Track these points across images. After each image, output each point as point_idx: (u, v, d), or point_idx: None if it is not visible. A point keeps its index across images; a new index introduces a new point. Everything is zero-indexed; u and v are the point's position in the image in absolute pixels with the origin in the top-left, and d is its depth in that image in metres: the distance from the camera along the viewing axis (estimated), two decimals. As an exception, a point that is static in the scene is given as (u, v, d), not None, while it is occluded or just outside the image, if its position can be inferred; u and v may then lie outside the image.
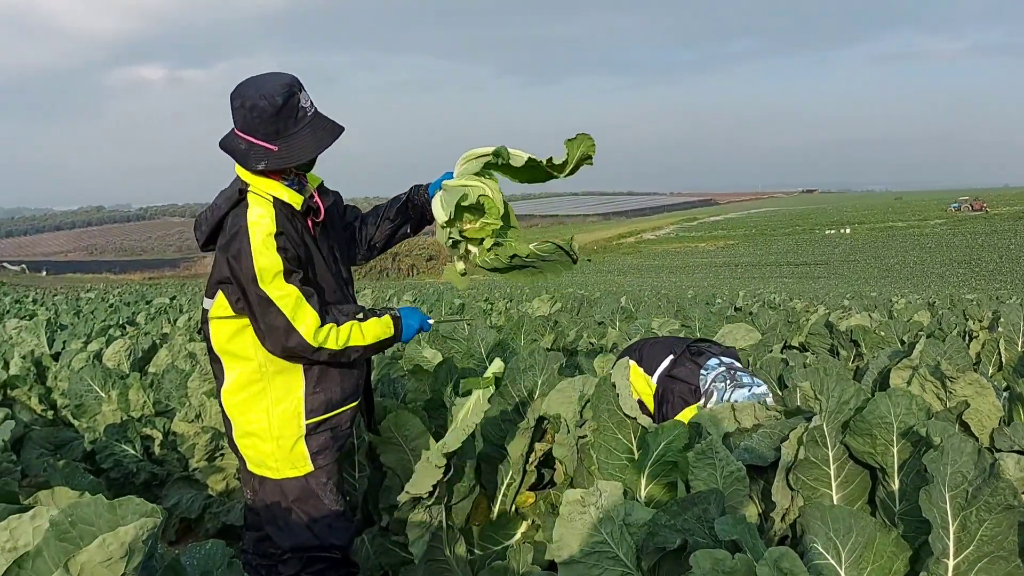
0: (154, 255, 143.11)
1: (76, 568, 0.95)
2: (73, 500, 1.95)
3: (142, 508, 1.04)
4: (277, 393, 2.63)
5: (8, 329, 8.81)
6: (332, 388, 2.69)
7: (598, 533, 2.25)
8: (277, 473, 2.68)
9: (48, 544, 1.06)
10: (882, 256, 67.05)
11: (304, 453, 2.66)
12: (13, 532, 1.33)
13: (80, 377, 5.15)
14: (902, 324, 6.80)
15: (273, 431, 2.64)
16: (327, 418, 2.69)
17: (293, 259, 2.50)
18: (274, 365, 2.60)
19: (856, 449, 2.38)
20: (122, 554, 0.97)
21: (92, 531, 1.04)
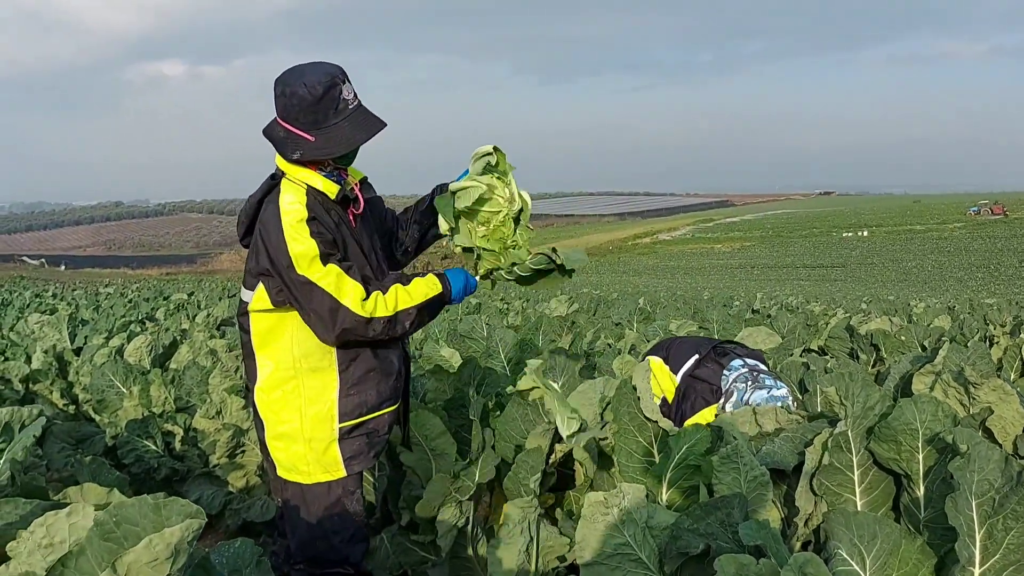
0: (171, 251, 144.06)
1: (123, 568, 0.97)
2: (102, 497, 1.98)
3: (187, 509, 1.05)
4: (310, 393, 2.57)
5: (30, 324, 8.90)
6: (368, 391, 2.62)
7: (620, 535, 2.25)
8: (309, 477, 2.62)
9: (91, 543, 1.07)
10: (900, 259, 66.57)
11: (337, 457, 2.60)
12: (50, 529, 1.35)
13: (102, 372, 5.20)
14: (922, 328, 6.75)
15: (305, 432, 2.58)
16: (361, 422, 2.62)
17: (329, 243, 2.46)
18: (308, 362, 2.55)
19: (881, 455, 2.37)
20: (168, 555, 0.98)
21: (136, 531, 1.05)
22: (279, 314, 2.55)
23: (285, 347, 2.57)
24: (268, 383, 2.61)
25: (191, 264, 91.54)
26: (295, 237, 2.42)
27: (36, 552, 1.35)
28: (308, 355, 2.55)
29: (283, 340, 2.57)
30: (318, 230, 2.44)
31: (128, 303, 16.69)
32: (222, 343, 6.04)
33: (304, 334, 2.55)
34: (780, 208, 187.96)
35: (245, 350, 2.69)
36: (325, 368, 2.57)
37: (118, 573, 0.97)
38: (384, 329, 2.50)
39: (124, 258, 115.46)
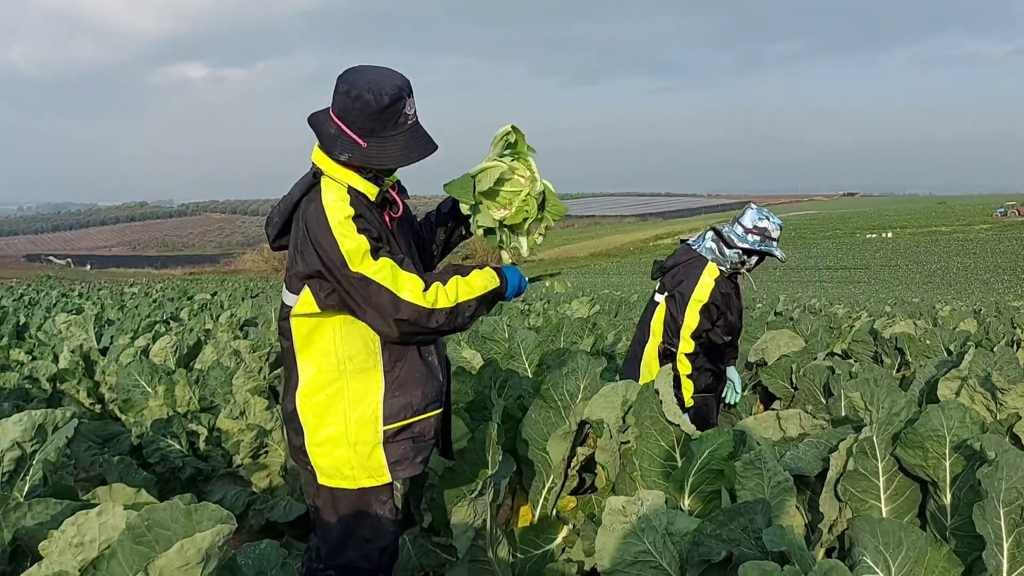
0: (195, 251, 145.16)
1: (155, 572, 0.98)
2: (130, 497, 2.00)
3: (217, 514, 1.06)
4: (354, 395, 2.50)
5: (58, 323, 9.00)
6: (413, 392, 2.54)
7: (640, 542, 2.24)
8: (354, 483, 2.53)
9: (123, 546, 1.09)
10: (924, 261, 65.85)
11: (382, 462, 2.51)
12: (80, 528, 1.37)
13: (128, 372, 5.25)
14: (948, 332, 6.69)
15: (350, 436, 2.49)
16: (407, 424, 2.53)
17: (376, 238, 2.41)
18: (353, 364, 2.49)
19: (907, 461, 2.36)
20: (199, 560, 0.99)
21: (168, 536, 1.06)
22: (322, 316, 2.49)
23: (329, 349, 2.50)
24: (311, 387, 2.53)
25: (214, 264, 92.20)
26: (344, 234, 2.36)
27: (67, 551, 1.37)
28: (353, 356, 2.48)
29: (326, 342, 2.50)
30: (364, 226, 2.39)
31: (153, 303, 16.86)
32: (246, 344, 6.07)
33: (349, 335, 2.49)
34: (803, 209, 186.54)
35: (286, 356, 2.61)
36: (370, 369, 2.50)
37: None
38: (447, 320, 2.43)
39: (148, 258, 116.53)
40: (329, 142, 2.45)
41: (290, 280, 2.55)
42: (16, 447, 1.96)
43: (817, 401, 4.31)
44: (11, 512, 1.68)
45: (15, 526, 1.68)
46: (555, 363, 5.06)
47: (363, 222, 2.40)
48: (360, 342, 2.49)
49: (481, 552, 3.01)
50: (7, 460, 1.94)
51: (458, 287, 2.45)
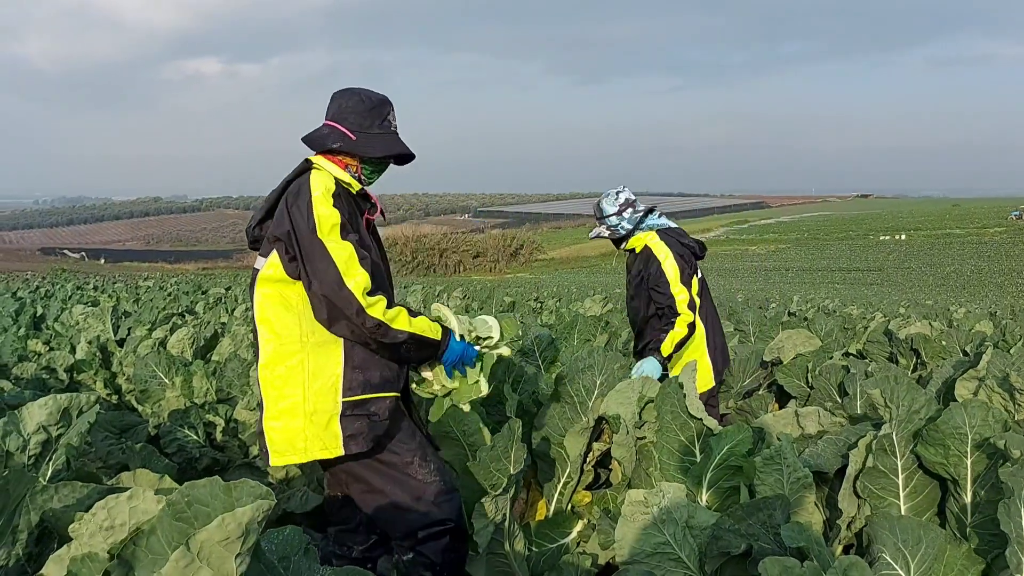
0: (208, 246, 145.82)
1: (196, 546, 0.99)
2: (154, 482, 2.02)
3: (256, 491, 1.07)
4: (315, 367, 2.57)
5: (75, 315, 9.08)
6: (372, 371, 2.63)
7: (660, 534, 2.25)
8: (304, 455, 2.60)
9: (163, 522, 1.10)
10: (938, 264, 65.52)
11: (337, 433, 2.58)
12: (111, 511, 1.38)
13: (145, 363, 5.28)
14: (964, 333, 6.65)
15: (308, 406, 2.56)
16: (364, 400, 2.61)
17: (353, 223, 2.58)
18: (315, 337, 2.57)
19: (927, 459, 2.35)
20: (239, 534, 1.01)
21: (207, 511, 1.07)
22: (287, 287, 2.60)
23: (293, 321, 2.59)
24: (273, 358, 2.61)
25: (227, 259, 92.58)
26: (321, 202, 2.52)
27: (97, 534, 1.39)
28: (316, 330, 2.57)
29: (290, 315, 2.59)
30: (341, 206, 2.56)
31: (168, 296, 16.95)
32: (262, 337, 6.10)
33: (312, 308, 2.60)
34: (816, 210, 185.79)
35: (253, 327, 2.72)
36: (331, 343, 2.59)
37: (191, 551, 1.00)
38: (373, 330, 2.53)
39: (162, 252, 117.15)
40: (322, 139, 2.71)
41: (263, 244, 2.70)
42: (42, 430, 1.98)
43: (833, 400, 4.29)
44: (38, 495, 1.70)
45: (42, 508, 1.70)
46: (570, 360, 5.07)
47: (341, 202, 2.57)
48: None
49: (498, 545, 3.01)
50: (33, 443, 1.96)
51: (399, 314, 2.59)
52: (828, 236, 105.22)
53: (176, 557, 0.99)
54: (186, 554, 1.00)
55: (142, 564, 1.11)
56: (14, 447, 1.89)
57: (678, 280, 4.13)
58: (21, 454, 1.90)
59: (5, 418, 1.90)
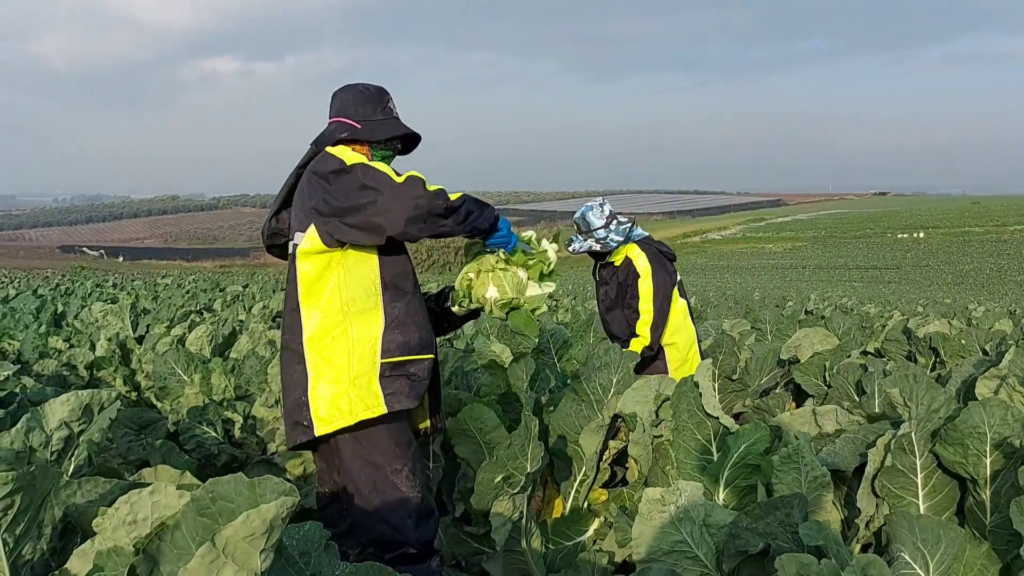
0: (225, 243, 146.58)
1: (222, 542, 1.01)
2: (175, 478, 2.04)
3: (280, 487, 1.09)
4: (357, 334, 2.67)
5: (94, 312, 9.15)
6: (410, 332, 2.73)
7: (678, 532, 2.25)
8: (351, 416, 2.64)
9: (187, 518, 1.12)
10: (957, 262, 64.97)
11: (378, 391, 2.65)
12: (134, 506, 1.40)
13: (164, 360, 5.33)
14: (983, 332, 6.60)
15: (352, 370, 2.65)
16: (402, 361, 2.70)
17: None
18: (356, 305, 2.67)
19: (946, 458, 2.34)
20: (264, 530, 1.02)
21: (231, 508, 1.09)
22: (326, 261, 2.68)
23: (333, 294, 2.68)
24: (318, 332, 2.69)
25: (244, 257, 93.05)
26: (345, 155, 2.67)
27: (120, 528, 1.41)
28: (356, 299, 2.67)
29: (331, 288, 2.68)
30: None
31: (186, 294, 17.06)
32: (280, 334, 6.14)
33: (352, 280, 2.69)
34: (833, 208, 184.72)
35: (290, 305, 2.77)
36: (371, 309, 2.69)
37: (217, 546, 1.01)
38: (448, 209, 2.59)
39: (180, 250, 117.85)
40: (329, 135, 2.82)
41: (300, 217, 2.75)
42: (64, 426, 2.01)
43: (850, 399, 4.27)
44: (62, 490, 1.72)
45: (65, 503, 1.72)
46: (586, 358, 5.07)
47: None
48: (362, 286, 2.70)
49: (515, 543, 3.02)
50: (55, 439, 1.99)
51: (461, 195, 2.67)
52: (845, 234, 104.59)
53: (202, 553, 1.01)
54: (212, 550, 1.01)
55: (167, 559, 1.12)
56: (37, 443, 1.91)
57: (650, 299, 4.21)
58: (44, 450, 1.93)
59: (28, 414, 1.92)
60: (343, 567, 1.61)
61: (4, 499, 1.40)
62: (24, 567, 1.57)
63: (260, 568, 1.06)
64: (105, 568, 1.24)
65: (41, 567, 1.65)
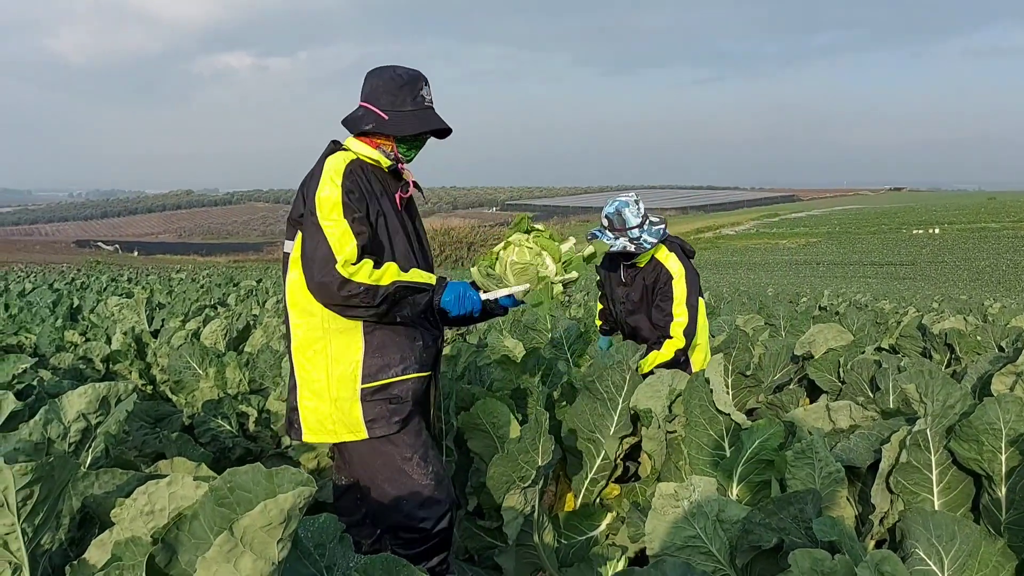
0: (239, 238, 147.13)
1: (239, 531, 1.02)
2: (191, 469, 2.06)
3: (297, 477, 1.10)
4: (336, 353, 2.65)
5: (110, 306, 9.22)
6: (391, 354, 2.68)
7: (691, 527, 2.25)
8: (335, 436, 2.69)
9: (205, 508, 1.13)
10: (972, 258, 64.49)
11: (359, 418, 2.65)
12: (151, 497, 1.42)
13: (179, 354, 5.37)
14: (999, 328, 6.55)
15: (332, 391, 2.65)
16: (383, 385, 2.66)
17: (357, 200, 2.57)
18: (335, 323, 2.63)
19: (961, 455, 2.33)
20: (281, 520, 1.03)
21: (249, 498, 1.10)
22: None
23: (316, 307, 2.63)
24: (302, 342, 2.70)
25: (258, 252, 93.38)
26: (326, 184, 2.56)
27: (138, 519, 1.42)
28: (335, 315, 2.62)
29: (311, 300, 2.63)
30: (350, 187, 2.57)
31: (200, 288, 17.16)
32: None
33: None
34: (848, 204, 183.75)
35: (284, 310, 2.79)
36: (351, 329, 2.65)
37: (235, 535, 1.02)
38: (361, 297, 2.52)
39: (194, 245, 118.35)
40: (356, 121, 2.73)
41: (289, 226, 2.74)
42: (81, 418, 2.03)
43: (864, 395, 4.26)
44: (80, 481, 1.74)
45: (83, 494, 1.74)
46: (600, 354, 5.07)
47: (351, 182, 2.59)
48: None
49: (527, 537, 3.03)
50: (73, 431, 2.01)
51: (387, 271, 2.57)
52: (860, 230, 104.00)
53: (220, 541, 1.02)
54: (230, 539, 1.02)
55: (185, 548, 1.13)
56: (55, 435, 1.93)
57: (684, 301, 4.06)
58: (62, 441, 1.95)
59: (46, 406, 1.94)
60: (357, 559, 1.62)
61: (23, 489, 1.42)
62: (43, 556, 1.59)
63: (277, 557, 1.07)
64: (123, 558, 1.25)
65: (59, 556, 1.67)
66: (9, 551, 1.45)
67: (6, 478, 1.39)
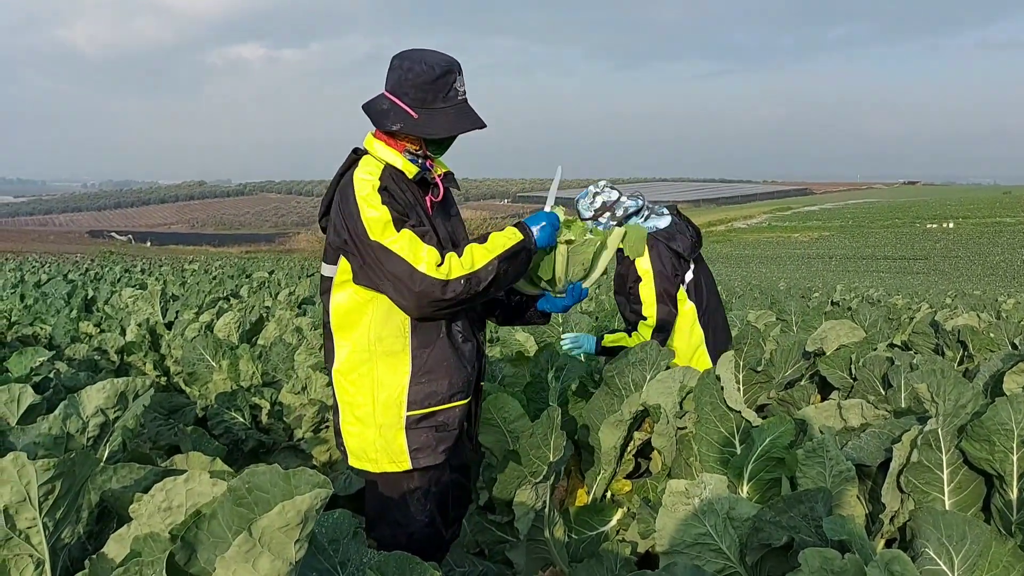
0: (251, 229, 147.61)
1: (258, 532, 1.04)
2: (206, 464, 2.08)
3: (314, 479, 1.12)
4: (382, 377, 2.55)
5: (124, 298, 9.29)
6: (439, 380, 2.58)
7: (701, 525, 2.26)
8: (376, 465, 2.60)
9: (224, 507, 1.16)
10: (987, 253, 64.09)
11: (404, 447, 2.57)
12: (169, 493, 1.44)
13: (193, 346, 5.41)
14: (1013, 325, 6.53)
15: (377, 418, 2.56)
16: (429, 413, 2.58)
17: (401, 210, 2.45)
18: (382, 345, 2.53)
19: (972, 455, 2.33)
20: (298, 521, 1.05)
21: (266, 498, 1.12)
22: (359, 296, 2.55)
23: (363, 329, 2.55)
24: (345, 365, 2.60)
25: (269, 243, 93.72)
26: (368, 204, 2.42)
27: (156, 514, 1.45)
28: (383, 338, 2.53)
29: (361, 322, 2.55)
30: (389, 200, 2.44)
31: (213, 280, 17.25)
32: (307, 321, 6.21)
33: (381, 316, 2.53)
34: (861, 197, 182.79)
35: (325, 331, 2.68)
36: (398, 352, 2.55)
37: (253, 536, 1.04)
38: (464, 289, 2.41)
39: (206, 236, 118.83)
40: (382, 116, 2.52)
41: (326, 251, 2.62)
42: (100, 413, 2.05)
43: (876, 392, 4.25)
44: (98, 475, 1.76)
45: (101, 488, 1.77)
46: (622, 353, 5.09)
47: (388, 195, 2.45)
48: (391, 324, 2.53)
49: (538, 532, 3.05)
50: (92, 426, 2.04)
51: (473, 253, 2.46)
52: (873, 224, 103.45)
53: (239, 542, 1.04)
54: (248, 539, 1.04)
55: (204, 546, 1.16)
56: (74, 429, 1.96)
57: (653, 304, 4.00)
58: (81, 436, 1.98)
59: (66, 401, 1.97)
60: (371, 555, 1.64)
61: (45, 484, 1.45)
62: (63, 550, 1.62)
63: (295, 557, 1.09)
64: (143, 553, 1.28)
65: (78, 550, 1.70)
66: (31, 545, 1.48)
67: (28, 473, 1.42)
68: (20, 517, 1.47)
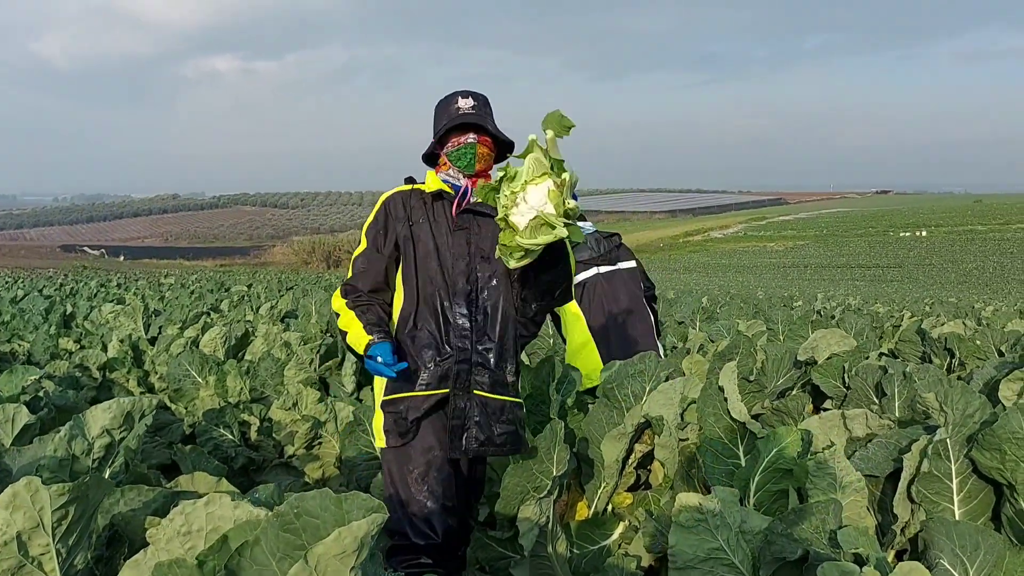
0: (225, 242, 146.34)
1: (314, 560, 1.00)
2: (211, 485, 2.03)
3: (368, 503, 1.07)
4: None
5: (104, 313, 9.15)
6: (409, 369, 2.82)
7: (714, 539, 2.24)
8: (377, 440, 2.91)
9: (268, 533, 1.11)
10: (960, 260, 64.92)
11: (380, 427, 2.86)
12: (188, 517, 1.39)
13: (179, 362, 5.33)
14: (997, 332, 6.59)
15: (376, 401, 2.91)
16: (390, 400, 2.83)
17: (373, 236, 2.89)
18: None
19: (983, 464, 2.33)
20: (355, 548, 1.01)
21: (316, 524, 1.08)
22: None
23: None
24: None
25: (244, 256, 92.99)
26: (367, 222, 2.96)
27: (175, 539, 1.40)
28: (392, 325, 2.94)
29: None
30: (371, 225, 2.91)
31: (191, 294, 17.05)
32: (296, 336, 6.13)
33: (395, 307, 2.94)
34: (835, 207, 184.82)
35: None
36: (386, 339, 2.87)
37: (309, 564, 1.00)
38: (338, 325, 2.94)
39: (180, 249, 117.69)
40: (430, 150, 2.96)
41: None
42: (106, 434, 2.00)
43: (870, 401, 4.27)
44: (106, 498, 1.71)
45: (110, 512, 1.72)
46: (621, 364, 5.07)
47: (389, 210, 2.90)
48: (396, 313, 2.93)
49: (541, 547, 3.01)
50: (97, 447, 1.98)
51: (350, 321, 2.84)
52: (847, 233, 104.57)
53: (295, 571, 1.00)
54: (304, 568, 1.00)
55: (247, 574, 1.11)
56: (79, 451, 1.91)
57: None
58: (86, 457, 1.93)
59: (71, 422, 1.92)
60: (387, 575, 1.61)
61: (59, 510, 1.40)
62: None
63: (350, 586, 1.05)
64: (169, 580, 1.23)
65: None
66: (44, 572, 1.43)
67: (42, 498, 1.37)
68: (33, 544, 1.42)
